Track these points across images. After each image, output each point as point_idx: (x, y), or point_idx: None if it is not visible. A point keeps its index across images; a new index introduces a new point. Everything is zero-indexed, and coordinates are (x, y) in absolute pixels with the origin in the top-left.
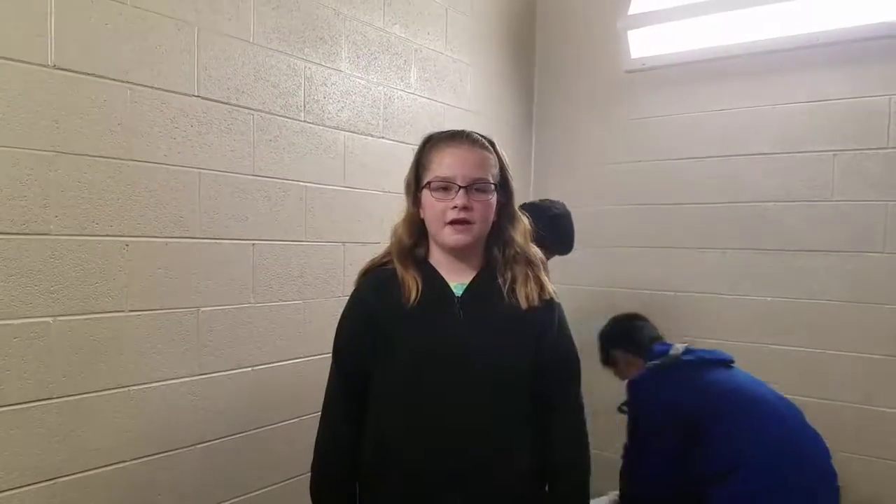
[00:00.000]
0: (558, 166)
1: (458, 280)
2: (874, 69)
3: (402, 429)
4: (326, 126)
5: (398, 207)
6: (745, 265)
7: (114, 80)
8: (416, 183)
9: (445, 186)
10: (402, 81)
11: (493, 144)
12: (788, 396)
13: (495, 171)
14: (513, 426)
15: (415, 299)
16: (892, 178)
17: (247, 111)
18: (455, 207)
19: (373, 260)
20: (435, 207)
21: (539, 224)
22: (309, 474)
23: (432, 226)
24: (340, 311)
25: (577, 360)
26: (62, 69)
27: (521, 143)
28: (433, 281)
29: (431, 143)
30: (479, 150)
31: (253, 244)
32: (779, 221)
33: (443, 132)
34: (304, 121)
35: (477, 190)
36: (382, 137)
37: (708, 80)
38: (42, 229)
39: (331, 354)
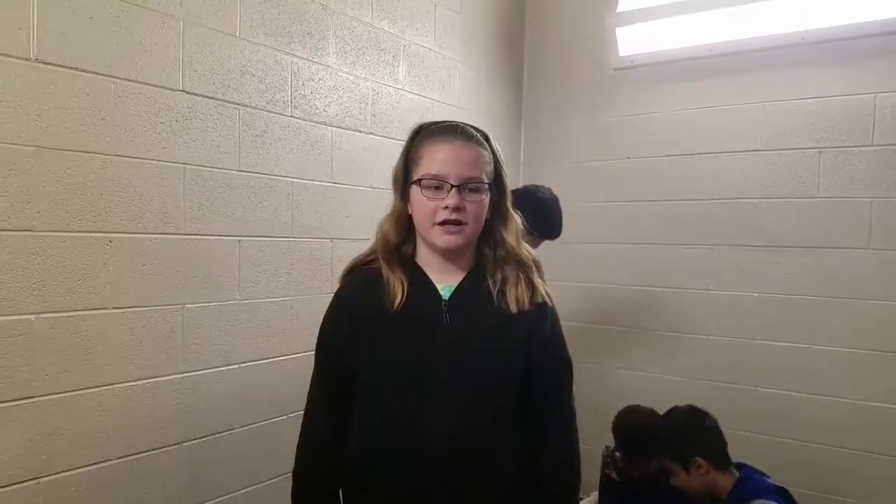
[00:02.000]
0: (547, 163)
1: (446, 281)
2: (860, 67)
3: (385, 433)
4: (314, 121)
5: (387, 204)
6: (732, 261)
7: (97, 74)
8: (404, 177)
9: (437, 185)
10: (391, 77)
11: (487, 139)
12: (775, 391)
13: (489, 168)
14: (500, 432)
15: (400, 302)
16: (877, 174)
17: (232, 106)
18: (447, 208)
19: (357, 258)
20: (425, 206)
21: (525, 208)
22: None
23: (421, 224)
24: (328, 307)
25: (569, 366)
26: (44, 63)
27: (510, 140)
28: (420, 282)
29: (422, 136)
30: (474, 147)
31: (239, 240)
32: (765, 218)
33: (435, 124)
34: (291, 116)
35: (470, 189)
36: (371, 133)
37: (695, 78)
38: (25, 225)
39: (314, 353)
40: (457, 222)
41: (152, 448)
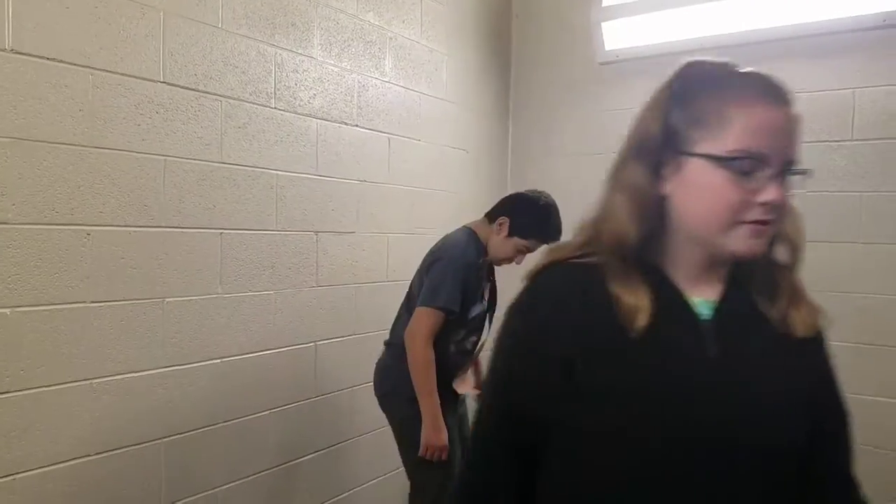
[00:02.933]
0: (534, 156)
1: (700, 294)
2: (839, 63)
3: None
4: (298, 113)
5: (374, 196)
6: None
7: (75, 64)
8: (666, 140)
9: (749, 168)
10: (377, 69)
11: None
12: None
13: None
14: None
15: (643, 324)
16: (857, 169)
17: (214, 97)
18: (764, 204)
19: (560, 250)
20: (728, 196)
21: (535, 214)
22: (281, 466)
23: (711, 220)
24: (314, 301)
25: (850, 418)
26: (20, 53)
27: (498, 134)
28: (666, 297)
29: (715, 85)
30: (796, 116)
31: (220, 233)
32: None
33: (730, 68)
34: (275, 108)
35: (788, 177)
36: (357, 126)
37: None
38: (0, 218)
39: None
40: (767, 222)
41: (132, 444)
